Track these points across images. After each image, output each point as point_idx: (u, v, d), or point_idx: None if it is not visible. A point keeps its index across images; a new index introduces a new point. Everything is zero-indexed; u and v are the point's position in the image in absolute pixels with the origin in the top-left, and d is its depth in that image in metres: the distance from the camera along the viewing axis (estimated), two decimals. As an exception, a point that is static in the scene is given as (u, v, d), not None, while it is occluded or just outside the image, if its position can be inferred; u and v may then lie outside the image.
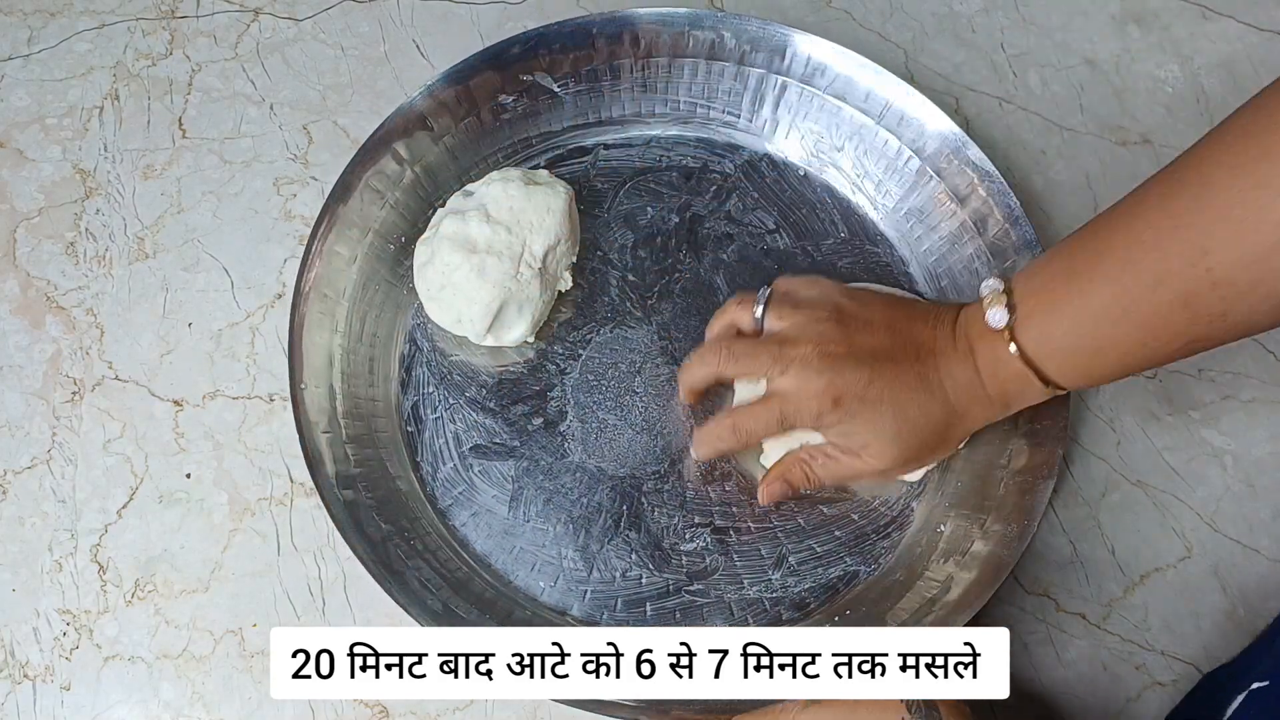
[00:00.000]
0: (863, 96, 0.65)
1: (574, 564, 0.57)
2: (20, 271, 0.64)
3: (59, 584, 0.57)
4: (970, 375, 0.52)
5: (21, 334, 0.62)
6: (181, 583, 0.57)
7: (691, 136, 0.68)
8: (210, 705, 0.55)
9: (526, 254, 0.58)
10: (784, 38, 0.65)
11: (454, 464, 0.59)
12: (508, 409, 0.60)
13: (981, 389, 0.53)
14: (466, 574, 0.56)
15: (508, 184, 0.59)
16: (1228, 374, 0.64)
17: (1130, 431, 0.62)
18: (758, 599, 0.56)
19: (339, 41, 0.71)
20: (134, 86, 0.69)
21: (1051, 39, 0.74)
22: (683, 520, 0.58)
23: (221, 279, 0.64)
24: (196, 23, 0.72)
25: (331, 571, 0.57)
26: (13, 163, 0.67)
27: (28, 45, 0.70)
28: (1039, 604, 0.58)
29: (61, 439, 0.60)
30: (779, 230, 0.65)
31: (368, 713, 0.55)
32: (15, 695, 0.55)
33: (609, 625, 0.55)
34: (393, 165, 0.62)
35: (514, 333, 0.60)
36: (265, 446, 0.60)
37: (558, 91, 0.66)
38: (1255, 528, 0.60)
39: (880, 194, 0.66)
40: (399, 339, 0.61)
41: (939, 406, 0.53)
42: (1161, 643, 0.58)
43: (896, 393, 0.52)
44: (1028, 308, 0.50)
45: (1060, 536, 0.60)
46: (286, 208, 0.66)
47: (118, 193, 0.66)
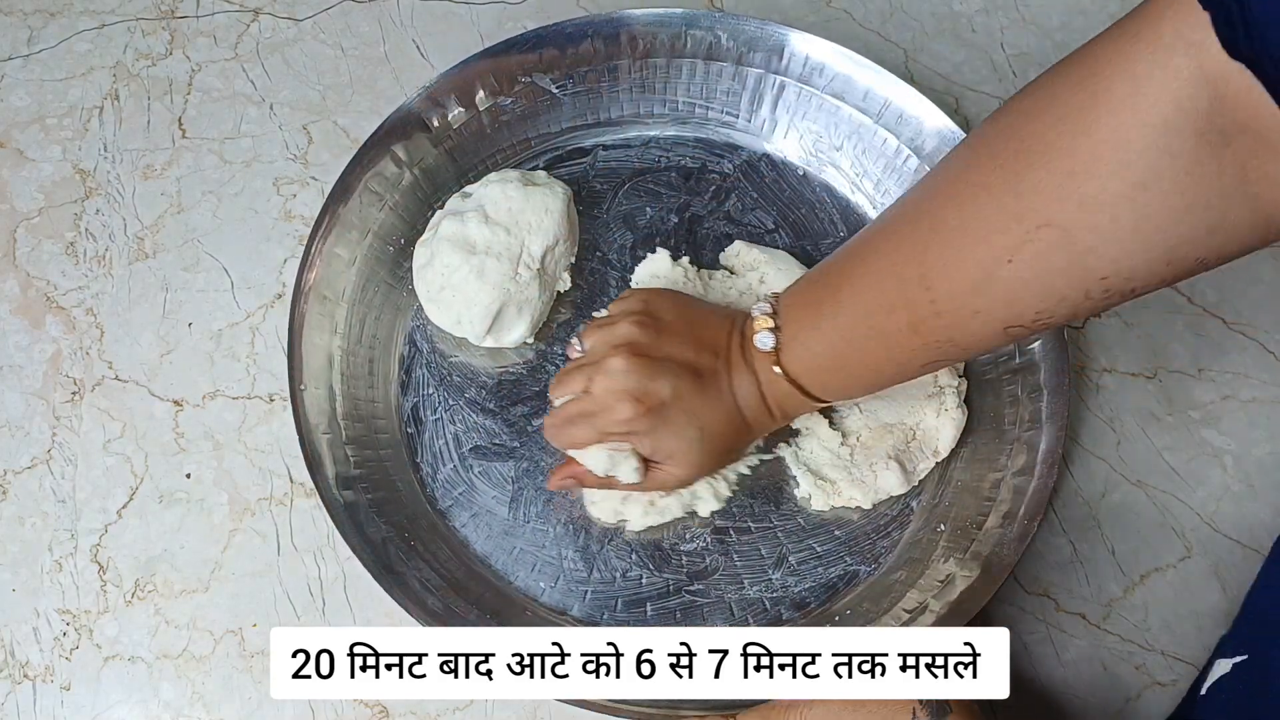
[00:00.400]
0: (861, 95, 0.65)
1: (574, 564, 0.57)
2: (20, 271, 0.64)
3: (59, 584, 0.57)
4: (753, 389, 0.54)
5: (21, 334, 0.62)
6: (181, 583, 0.57)
7: (690, 137, 0.68)
8: (210, 705, 0.55)
9: (525, 255, 0.58)
10: (781, 37, 0.65)
11: (454, 465, 0.59)
12: (507, 410, 0.60)
13: (762, 402, 0.54)
14: (467, 575, 0.56)
15: (506, 185, 0.59)
16: (1228, 374, 0.64)
17: (1130, 431, 0.62)
18: (758, 599, 0.56)
19: (339, 41, 0.71)
20: (134, 86, 0.69)
21: (1051, 39, 0.74)
22: (682, 520, 0.58)
23: (221, 279, 0.64)
24: (196, 23, 0.72)
25: (331, 571, 0.57)
26: (13, 163, 0.67)
27: (28, 45, 0.70)
28: (1039, 604, 0.58)
29: (61, 439, 0.60)
30: (778, 230, 0.65)
31: (368, 713, 0.55)
32: (15, 695, 0.55)
33: (609, 625, 0.55)
34: (391, 167, 0.62)
35: (513, 334, 0.60)
36: (265, 446, 0.60)
37: (556, 93, 0.66)
38: (1255, 528, 0.60)
39: (879, 193, 0.66)
40: (398, 340, 0.61)
41: (731, 415, 0.54)
42: (1161, 643, 0.58)
43: (696, 402, 0.53)
44: (790, 331, 0.52)
45: (1060, 536, 0.60)
46: (286, 208, 0.66)
47: (118, 193, 0.66)
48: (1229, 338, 0.65)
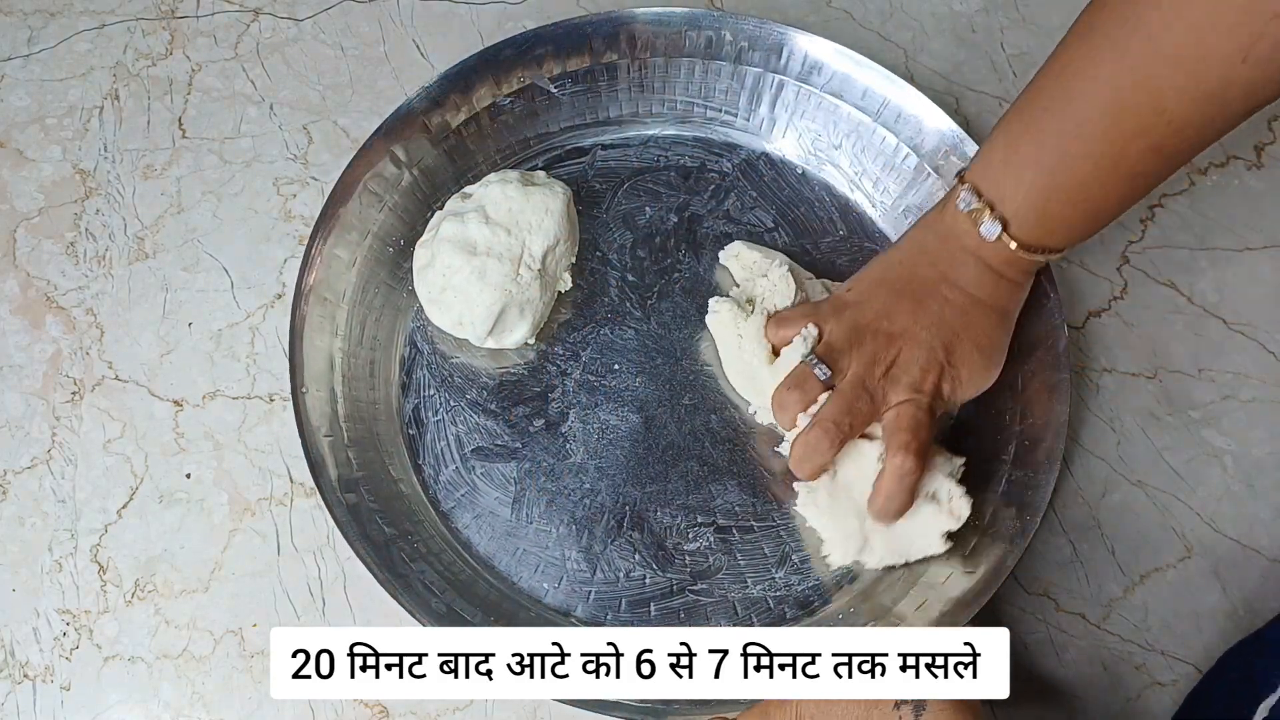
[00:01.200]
0: (860, 94, 0.65)
1: (578, 565, 0.57)
2: (20, 271, 0.64)
3: (59, 584, 0.57)
4: (991, 278, 0.54)
5: (21, 334, 0.62)
6: (181, 583, 0.57)
7: (689, 136, 0.68)
8: (210, 705, 0.55)
9: (526, 255, 0.58)
10: (780, 36, 0.65)
11: (456, 466, 0.59)
12: (509, 411, 0.60)
13: (1003, 280, 0.55)
14: (470, 576, 0.56)
15: (506, 185, 0.59)
16: (1228, 374, 0.64)
17: (1130, 431, 0.62)
18: (761, 598, 0.56)
19: (339, 41, 0.71)
20: (134, 86, 0.69)
21: (1051, 39, 0.73)
22: (685, 519, 0.58)
23: (221, 279, 0.64)
24: (196, 23, 0.72)
25: (331, 571, 0.57)
26: (13, 163, 0.67)
27: (28, 45, 0.70)
28: (1039, 604, 0.58)
29: (61, 439, 0.60)
30: (777, 229, 0.65)
31: (367, 713, 0.55)
32: (15, 695, 0.55)
33: (613, 626, 0.55)
34: (391, 168, 0.62)
35: (515, 335, 0.60)
36: (265, 446, 0.60)
37: (555, 92, 0.66)
38: (1255, 528, 0.60)
39: (878, 191, 0.66)
40: (399, 342, 0.61)
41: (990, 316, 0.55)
42: (1161, 643, 0.58)
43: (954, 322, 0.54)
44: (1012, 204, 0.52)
45: (1060, 536, 0.60)
46: (286, 208, 0.66)
47: (118, 193, 0.66)
48: (1229, 338, 0.65)
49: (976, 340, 0.55)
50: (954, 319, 0.55)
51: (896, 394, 0.54)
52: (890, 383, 0.55)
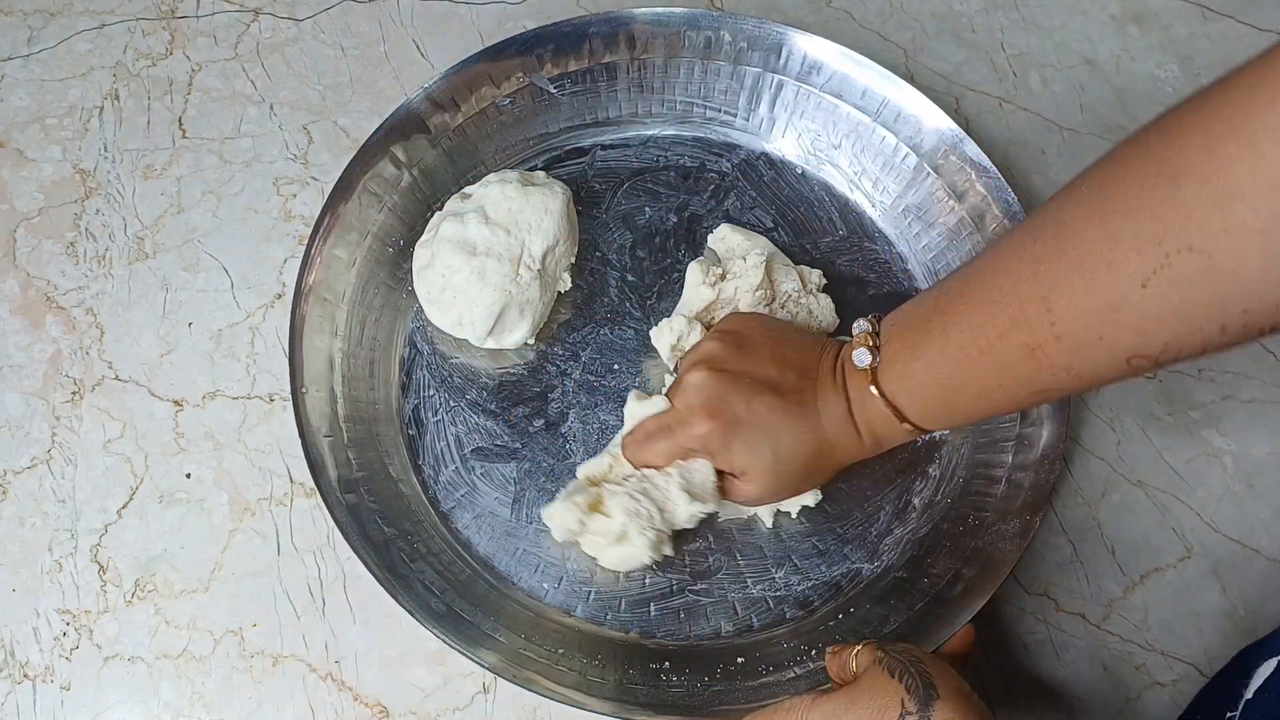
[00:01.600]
0: (859, 94, 0.65)
1: (577, 565, 0.57)
2: (20, 271, 0.64)
3: (59, 584, 0.57)
4: (843, 411, 0.53)
5: (21, 334, 0.62)
6: (181, 583, 0.57)
7: (688, 136, 0.68)
8: (210, 705, 0.55)
9: (526, 255, 0.58)
10: (779, 36, 0.65)
11: (456, 466, 0.59)
12: (509, 411, 0.60)
13: (851, 424, 0.53)
14: (470, 576, 0.56)
15: (505, 185, 0.59)
16: (1228, 374, 0.64)
17: (1130, 431, 0.62)
18: (761, 597, 0.56)
19: (339, 41, 0.71)
20: (134, 86, 0.69)
21: (1051, 39, 0.74)
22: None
23: (221, 279, 0.64)
24: (196, 23, 0.72)
25: (331, 571, 0.57)
26: (13, 163, 0.67)
27: (28, 45, 0.70)
28: (1039, 604, 0.58)
29: (61, 439, 0.60)
30: (777, 229, 0.65)
31: (367, 713, 0.55)
32: (15, 695, 0.55)
33: (613, 626, 0.55)
34: (390, 168, 0.62)
35: (515, 335, 0.60)
36: (265, 446, 0.60)
37: (554, 92, 0.66)
38: (1255, 528, 0.60)
39: (878, 191, 0.66)
40: (398, 342, 0.61)
41: (813, 437, 0.53)
42: (1161, 643, 0.58)
43: (774, 419, 0.52)
44: (891, 350, 0.51)
45: (1060, 536, 0.60)
46: (286, 208, 0.66)
47: (118, 193, 0.66)
48: (1229, 337, 0.65)
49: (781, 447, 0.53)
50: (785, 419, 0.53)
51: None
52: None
